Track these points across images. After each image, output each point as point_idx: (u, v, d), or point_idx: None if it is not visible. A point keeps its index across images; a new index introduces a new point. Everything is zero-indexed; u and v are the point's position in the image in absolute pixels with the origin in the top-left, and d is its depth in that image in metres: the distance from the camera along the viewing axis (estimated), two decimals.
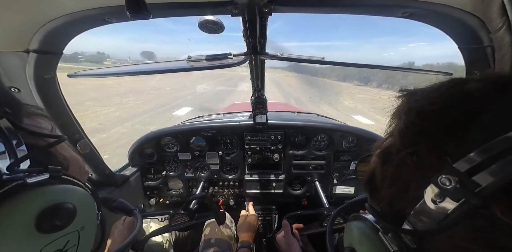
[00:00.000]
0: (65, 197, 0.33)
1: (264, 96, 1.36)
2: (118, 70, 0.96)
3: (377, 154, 0.31)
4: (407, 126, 0.26)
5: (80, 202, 0.36)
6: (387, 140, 0.30)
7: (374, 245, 0.27)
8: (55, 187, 0.34)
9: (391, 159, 0.27)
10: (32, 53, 0.71)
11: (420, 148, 0.23)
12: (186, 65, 0.96)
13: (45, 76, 0.79)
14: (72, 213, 0.34)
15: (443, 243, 0.21)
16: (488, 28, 0.60)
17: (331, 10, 0.72)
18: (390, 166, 0.27)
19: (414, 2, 0.63)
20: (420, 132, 0.24)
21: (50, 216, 0.30)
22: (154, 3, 0.62)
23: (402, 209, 0.25)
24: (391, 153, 0.27)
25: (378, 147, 0.31)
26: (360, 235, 0.30)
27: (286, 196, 1.62)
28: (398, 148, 0.26)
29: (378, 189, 0.30)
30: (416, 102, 0.26)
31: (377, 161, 0.31)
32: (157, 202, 1.63)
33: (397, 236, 0.25)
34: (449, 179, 0.19)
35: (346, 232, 0.34)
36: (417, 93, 0.28)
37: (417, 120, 0.25)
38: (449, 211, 0.19)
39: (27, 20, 0.65)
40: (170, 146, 1.56)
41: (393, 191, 0.27)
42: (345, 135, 1.47)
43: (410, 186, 0.24)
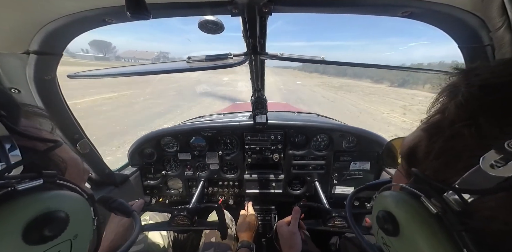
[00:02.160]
0: (57, 205, 0.32)
1: (264, 96, 1.36)
2: (118, 71, 0.96)
3: (423, 129, 0.32)
4: (466, 99, 0.26)
5: (74, 209, 0.34)
6: (435, 116, 0.31)
7: (413, 207, 0.28)
8: (47, 194, 0.32)
9: (442, 132, 0.28)
10: (32, 54, 0.71)
11: (480, 120, 0.24)
12: (186, 65, 0.96)
13: (45, 77, 0.79)
14: (63, 221, 0.32)
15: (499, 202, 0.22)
16: (488, 27, 0.60)
17: (331, 10, 0.72)
18: (440, 138, 0.28)
19: (414, 2, 0.63)
20: (482, 105, 0.25)
21: (39, 226, 0.29)
22: (154, 3, 0.62)
23: (447, 178, 0.26)
24: (441, 126, 0.28)
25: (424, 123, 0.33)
26: (397, 200, 0.31)
27: (285, 196, 1.62)
28: (451, 121, 0.27)
29: (419, 161, 0.32)
30: (479, 77, 0.27)
31: (422, 135, 0.32)
32: (156, 201, 1.64)
33: (442, 199, 0.26)
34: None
35: (378, 200, 0.35)
36: (477, 69, 0.28)
37: (479, 94, 0.25)
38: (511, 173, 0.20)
39: (27, 21, 0.65)
40: (170, 146, 1.56)
41: (441, 162, 0.28)
42: (345, 135, 1.47)
43: (462, 156, 0.25)
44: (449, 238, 0.25)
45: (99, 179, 1.17)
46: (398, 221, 0.30)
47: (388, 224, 0.31)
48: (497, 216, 0.23)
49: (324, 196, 1.41)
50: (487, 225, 0.23)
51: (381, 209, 0.33)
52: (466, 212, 0.24)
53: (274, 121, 1.47)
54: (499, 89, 0.24)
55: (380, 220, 0.33)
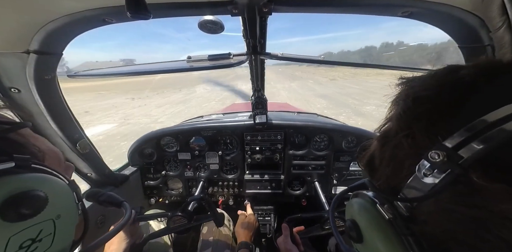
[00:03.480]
0: (34, 185, 0.32)
1: (264, 96, 1.36)
2: (118, 70, 0.96)
3: (377, 138, 0.34)
4: (404, 111, 0.28)
5: (53, 190, 0.34)
6: (386, 125, 0.33)
7: (371, 214, 0.30)
8: (23, 175, 0.32)
9: (389, 141, 0.30)
10: (32, 54, 0.71)
11: (414, 130, 0.26)
12: (186, 65, 0.96)
13: (45, 77, 0.79)
14: (42, 201, 0.32)
15: (431, 208, 0.24)
16: (488, 27, 0.60)
17: (331, 9, 0.72)
18: (388, 148, 0.30)
19: (414, 1, 0.63)
20: (415, 116, 0.27)
21: (16, 204, 0.29)
22: (154, 3, 0.62)
23: (397, 184, 0.28)
24: (389, 136, 0.30)
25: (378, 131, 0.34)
26: (359, 207, 0.33)
27: (285, 196, 1.62)
28: (395, 131, 0.29)
29: (376, 168, 0.33)
30: (413, 89, 0.29)
31: (376, 144, 0.34)
32: (156, 202, 1.63)
33: (392, 206, 0.28)
34: (438, 153, 0.22)
35: (347, 207, 0.37)
36: (415, 80, 0.30)
37: (412, 106, 0.27)
38: (437, 180, 0.22)
39: (27, 21, 0.65)
40: (170, 146, 1.56)
41: (390, 169, 0.30)
42: (345, 135, 1.47)
43: (404, 164, 0.27)
44: (400, 242, 0.26)
45: (99, 179, 1.17)
46: (360, 228, 0.32)
47: (352, 231, 0.33)
48: (429, 220, 0.24)
49: (324, 196, 1.41)
50: (424, 229, 0.25)
51: (349, 217, 0.35)
52: (411, 218, 0.26)
53: (274, 121, 1.47)
54: (427, 101, 0.26)
55: (347, 228, 0.35)
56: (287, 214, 1.12)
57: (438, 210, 0.23)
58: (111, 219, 1.15)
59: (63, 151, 0.98)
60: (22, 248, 0.30)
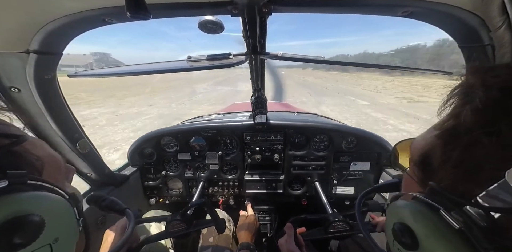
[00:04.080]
0: (29, 208, 0.29)
1: (264, 96, 1.36)
2: (118, 70, 0.96)
3: (437, 135, 0.30)
4: (485, 103, 0.24)
5: (51, 212, 0.31)
6: (449, 122, 0.29)
7: (433, 221, 0.27)
8: (17, 196, 0.29)
9: (458, 139, 0.26)
10: (32, 53, 0.72)
11: (502, 127, 0.22)
12: (186, 65, 0.96)
13: (45, 77, 0.79)
14: (38, 226, 0.28)
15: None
16: (488, 26, 0.60)
17: (331, 9, 0.72)
18: (457, 147, 0.26)
19: (414, 1, 0.63)
20: (503, 110, 0.23)
21: (8, 234, 0.25)
22: (154, 3, 0.62)
23: (468, 190, 0.24)
24: (457, 133, 0.26)
25: (437, 128, 0.31)
26: (414, 212, 0.29)
27: (286, 196, 1.62)
28: (468, 127, 0.25)
29: (434, 170, 0.30)
30: (498, 78, 0.25)
31: (435, 141, 0.30)
32: (156, 202, 1.63)
33: (463, 214, 0.24)
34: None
35: (391, 210, 0.34)
36: (496, 70, 0.26)
37: (500, 97, 0.23)
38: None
39: (27, 21, 0.65)
40: (170, 146, 1.56)
41: (459, 172, 0.26)
42: (345, 135, 1.47)
43: (484, 167, 0.23)
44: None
45: (99, 179, 1.17)
46: (416, 235, 0.28)
47: (406, 238, 0.29)
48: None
49: (324, 196, 1.40)
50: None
51: (397, 220, 0.32)
52: (494, 229, 0.22)
53: (274, 122, 1.47)
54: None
55: (396, 233, 0.31)
56: (287, 214, 1.12)
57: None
58: (111, 217, 1.15)
59: (63, 150, 0.98)
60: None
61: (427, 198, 0.29)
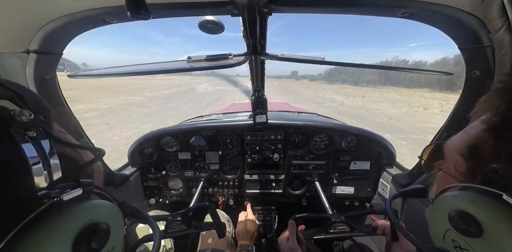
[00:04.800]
0: (99, 216, 0.32)
1: (264, 96, 1.36)
2: (118, 70, 0.96)
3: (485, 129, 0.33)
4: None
5: (112, 220, 0.34)
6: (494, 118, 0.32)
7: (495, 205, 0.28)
8: (89, 204, 0.32)
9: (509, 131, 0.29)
10: (32, 53, 0.71)
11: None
12: (186, 65, 0.96)
13: (45, 77, 0.79)
14: (106, 234, 0.31)
15: None
16: (488, 28, 0.60)
17: (331, 10, 0.72)
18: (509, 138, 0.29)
19: (414, 2, 0.63)
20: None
21: (86, 240, 0.28)
22: (154, 3, 0.62)
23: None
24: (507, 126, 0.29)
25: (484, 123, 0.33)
26: (473, 199, 0.31)
27: (286, 196, 1.62)
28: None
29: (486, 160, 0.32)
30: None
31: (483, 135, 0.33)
32: (156, 202, 1.63)
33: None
34: None
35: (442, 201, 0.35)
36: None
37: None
38: None
39: (27, 21, 0.65)
40: (170, 146, 1.56)
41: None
42: (345, 134, 1.47)
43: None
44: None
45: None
46: (479, 221, 0.29)
47: (467, 225, 0.30)
48: None
49: (324, 196, 1.41)
50: None
51: (452, 208, 0.33)
52: None
53: (274, 121, 1.47)
54: None
55: (455, 220, 0.32)
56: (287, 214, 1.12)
57: None
58: None
59: None
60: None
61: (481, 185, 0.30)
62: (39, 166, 0.28)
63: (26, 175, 0.27)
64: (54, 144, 0.31)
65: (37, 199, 0.26)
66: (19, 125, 0.27)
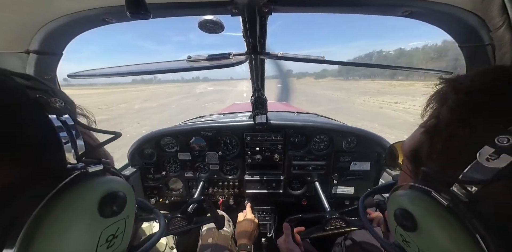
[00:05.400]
0: (117, 186, 0.37)
1: (264, 96, 1.36)
2: (118, 70, 0.96)
3: (422, 132, 0.36)
4: (457, 104, 0.31)
5: (127, 192, 0.38)
6: (431, 120, 0.35)
7: (427, 202, 0.32)
8: (109, 177, 0.38)
9: (440, 133, 0.32)
10: (32, 54, 0.71)
11: (472, 120, 0.28)
12: (186, 65, 0.96)
13: (45, 77, 0.79)
14: (124, 200, 0.37)
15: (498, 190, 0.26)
16: (488, 26, 0.60)
17: (331, 9, 0.72)
18: (439, 139, 0.32)
19: (414, 1, 0.63)
20: (471, 108, 0.29)
21: (110, 202, 0.33)
22: (154, 3, 0.62)
23: (452, 173, 0.30)
24: (439, 129, 0.33)
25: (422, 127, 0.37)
26: (411, 197, 0.35)
27: (286, 196, 1.62)
28: (446, 124, 0.32)
29: (423, 161, 0.35)
30: (463, 85, 0.32)
31: (422, 138, 0.36)
32: (157, 202, 1.63)
33: (449, 193, 0.29)
34: (508, 138, 0.24)
35: (392, 199, 0.39)
36: (459, 79, 0.33)
37: (465, 99, 0.30)
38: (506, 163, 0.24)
39: (27, 21, 0.65)
40: (170, 146, 1.56)
41: (443, 160, 0.32)
42: (345, 135, 1.47)
43: (462, 153, 0.29)
44: (462, 226, 0.27)
45: None
46: (415, 217, 0.32)
47: (406, 221, 0.33)
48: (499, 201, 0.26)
49: (324, 196, 1.40)
50: (492, 210, 0.26)
51: (398, 207, 0.36)
52: (473, 202, 0.27)
53: (274, 122, 1.47)
54: (484, 94, 0.29)
55: (398, 217, 0.35)
56: (287, 214, 1.12)
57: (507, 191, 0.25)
58: None
59: None
60: (107, 241, 0.34)
61: (419, 184, 0.34)
62: (69, 145, 0.33)
63: (59, 151, 0.32)
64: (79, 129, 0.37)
65: (68, 171, 0.32)
66: (54, 111, 0.33)
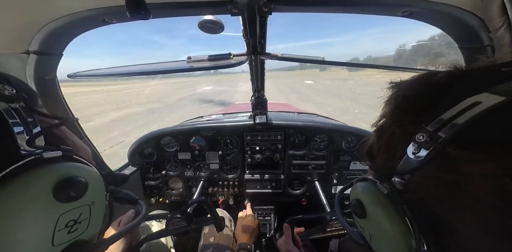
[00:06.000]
0: (77, 172, 0.36)
1: (264, 97, 1.36)
2: (118, 70, 0.96)
3: (374, 131, 0.41)
4: (396, 107, 0.35)
5: (91, 179, 0.38)
6: (381, 120, 0.39)
7: (373, 192, 0.36)
8: (69, 163, 0.37)
9: (385, 133, 0.36)
10: (32, 54, 0.72)
11: (404, 121, 0.33)
12: (186, 65, 0.96)
13: (46, 77, 0.79)
14: (84, 186, 0.36)
15: (419, 178, 0.30)
16: (488, 27, 0.60)
17: (331, 9, 0.72)
18: (384, 138, 0.37)
19: (414, 1, 0.63)
20: (405, 111, 0.34)
21: (66, 187, 0.33)
22: (154, 3, 0.62)
23: (392, 165, 0.34)
24: (384, 128, 0.37)
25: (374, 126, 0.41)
26: (363, 188, 0.39)
27: (285, 195, 1.62)
28: (389, 124, 0.36)
29: (375, 156, 0.40)
30: (402, 90, 0.36)
31: (374, 136, 0.41)
32: (157, 201, 1.64)
33: (390, 183, 0.33)
34: (423, 135, 0.28)
35: (352, 190, 0.43)
36: (402, 84, 0.37)
37: (402, 103, 0.34)
38: (422, 156, 0.28)
39: (27, 21, 0.65)
40: (170, 146, 1.56)
41: (386, 155, 0.36)
42: (345, 135, 1.47)
43: (398, 148, 0.33)
44: (396, 210, 0.32)
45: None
46: (364, 205, 0.37)
47: (358, 209, 0.38)
48: (418, 188, 0.30)
49: (324, 195, 1.41)
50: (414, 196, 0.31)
51: (353, 197, 0.41)
52: (405, 190, 0.32)
53: (274, 122, 1.47)
54: (413, 99, 0.33)
55: (352, 207, 0.40)
56: (287, 213, 1.12)
57: (424, 179, 0.29)
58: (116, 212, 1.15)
59: None
60: (67, 226, 0.34)
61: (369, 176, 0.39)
62: (21, 131, 0.33)
63: (8, 136, 0.31)
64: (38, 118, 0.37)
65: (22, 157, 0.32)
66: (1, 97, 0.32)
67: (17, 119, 0.33)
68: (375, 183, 0.37)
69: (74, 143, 0.46)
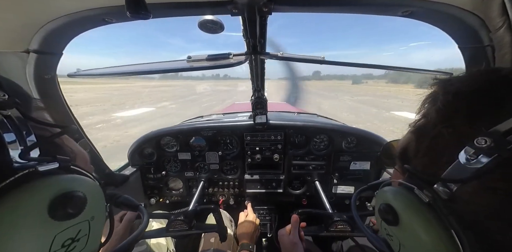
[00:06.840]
0: (75, 186, 0.33)
1: (264, 97, 1.36)
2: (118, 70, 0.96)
3: (412, 131, 0.37)
4: (443, 105, 0.31)
5: (90, 192, 0.35)
6: (420, 120, 0.36)
7: (409, 199, 0.33)
8: (66, 176, 0.34)
9: (426, 133, 0.33)
10: (32, 53, 0.72)
11: (455, 121, 0.29)
12: (186, 65, 0.96)
13: (45, 77, 0.79)
14: (83, 201, 0.33)
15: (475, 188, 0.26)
16: (488, 27, 0.60)
17: (331, 9, 0.72)
18: (425, 139, 0.33)
19: (414, 1, 0.63)
20: (455, 109, 0.30)
21: (62, 204, 0.30)
22: (154, 3, 0.62)
23: (435, 171, 0.30)
24: (426, 129, 0.33)
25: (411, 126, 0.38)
26: (395, 193, 0.36)
27: (286, 195, 1.62)
28: (433, 124, 0.32)
29: (411, 159, 0.36)
30: (453, 86, 0.31)
31: (411, 137, 0.37)
32: (157, 202, 1.63)
33: (431, 190, 0.30)
34: (486, 140, 0.24)
35: (379, 195, 0.40)
36: (453, 79, 0.33)
37: (453, 100, 0.30)
38: (482, 164, 0.25)
39: (27, 21, 0.65)
40: (170, 146, 1.56)
41: (428, 158, 0.33)
42: (345, 135, 1.47)
43: (444, 152, 0.29)
44: (439, 222, 0.29)
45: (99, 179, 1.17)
46: (396, 211, 0.34)
47: (388, 215, 0.35)
48: (473, 199, 0.27)
49: (324, 195, 1.40)
50: (465, 208, 0.27)
51: (382, 202, 0.37)
52: (451, 199, 0.28)
53: (274, 122, 1.47)
54: (468, 97, 0.29)
55: (381, 212, 0.37)
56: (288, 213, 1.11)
57: (482, 190, 0.26)
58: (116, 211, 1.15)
59: None
60: (64, 246, 0.31)
61: (405, 181, 0.35)
62: (14, 141, 0.30)
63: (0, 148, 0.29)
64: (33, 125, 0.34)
65: (13, 170, 0.29)
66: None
67: (9, 128, 0.30)
68: (411, 189, 0.33)
69: (72, 150, 0.43)
